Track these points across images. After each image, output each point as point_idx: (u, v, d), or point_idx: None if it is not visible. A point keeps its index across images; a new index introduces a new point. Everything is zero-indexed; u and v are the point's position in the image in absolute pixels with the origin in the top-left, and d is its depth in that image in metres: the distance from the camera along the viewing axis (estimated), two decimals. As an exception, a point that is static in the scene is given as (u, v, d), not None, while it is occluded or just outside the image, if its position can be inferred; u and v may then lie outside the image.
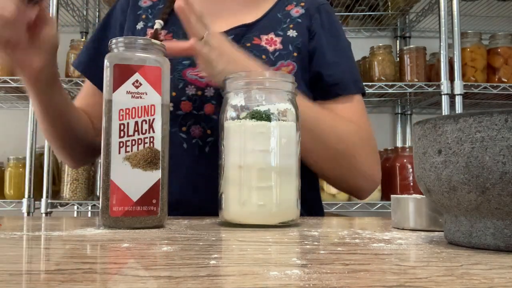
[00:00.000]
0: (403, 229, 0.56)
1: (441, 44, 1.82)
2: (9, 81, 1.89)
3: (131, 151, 0.54)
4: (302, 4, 0.92)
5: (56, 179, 1.94)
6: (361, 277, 0.29)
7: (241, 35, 0.87)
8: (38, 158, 1.88)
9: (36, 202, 1.80)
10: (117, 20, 0.94)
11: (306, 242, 0.45)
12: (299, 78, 0.84)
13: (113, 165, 0.54)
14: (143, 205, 0.54)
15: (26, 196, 1.79)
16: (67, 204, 1.86)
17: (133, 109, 0.55)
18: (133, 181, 0.54)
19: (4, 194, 1.93)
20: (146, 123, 0.55)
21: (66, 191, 1.89)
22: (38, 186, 1.81)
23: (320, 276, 0.29)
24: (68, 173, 1.89)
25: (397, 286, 0.27)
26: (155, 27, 0.85)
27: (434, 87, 1.83)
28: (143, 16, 0.92)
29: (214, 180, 0.72)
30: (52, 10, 1.84)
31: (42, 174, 1.81)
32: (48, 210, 1.80)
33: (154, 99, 0.56)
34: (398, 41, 2.31)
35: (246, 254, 0.38)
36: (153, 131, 0.55)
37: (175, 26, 0.88)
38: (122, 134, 0.54)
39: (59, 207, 1.86)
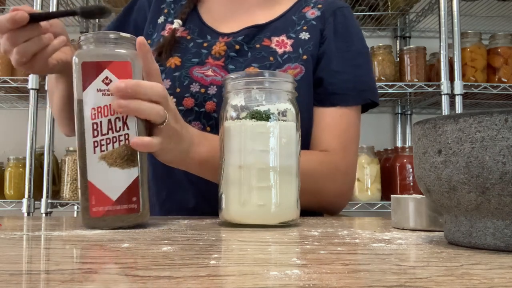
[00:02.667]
0: (403, 229, 0.56)
1: (441, 44, 1.81)
2: (9, 81, 1.89)
3: (107, 149, 0.53)
4: (319, 6, 0.91)
5: (56, 179, 1.94)
6: (361, 277, 0.29)
7: (251, 36, 0.87)
8: (38, 158, 1.88)
9: (36, 202, 1.80)
10: (142, 7, 0.95)
11: (306, 242, 0.45)
12: (307, 81, 0.84)
13: (89, 165, 0.53)
14: (123, 203, 0.53)
15: (26, 196, 1.79)
16: (67, 204, 1.86)
17: (105, 107, 0.53)
18: (111, 180, 0.53)
19: (4, 194, 1.93)
20: (119, 120, 0.54)
21: (66, 191, 1.89)
22: (38, 186, 1.81)
23: (320, 276, 0.29)
24: (68, 173, 1.89)
25: (397, 286, 0.27)
26: (173, 26, 0.88)
27: (434, 87, 1.83)
28: (165, 11, 0.94)
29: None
30: (52, 10, 1.84)
31: (42, 174, 1.81)
32: (48, 210, 1.80)
33: None
34: (398, 41, 2.31)
35: (246, 254, 0.38)
36: (128, 128, 0.54)
37: (192, 24, 0.90)
38: (95, 134, 0.53)
39: (59, 207, 1.86)
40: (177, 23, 0.88)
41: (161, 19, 0.93)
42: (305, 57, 0.85)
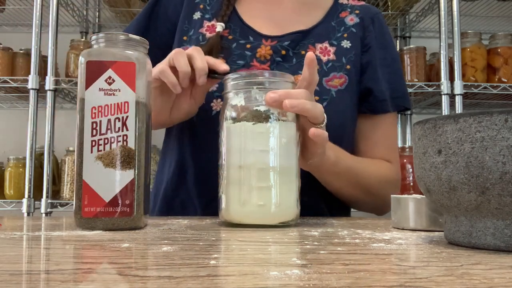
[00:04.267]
0: (403, 229, 0.56)
1: (441, 44, 1.81)
2: (9, 81, 1.89)
3: (104, 150, 0.53)
4: (357, 11, 0.92)
5: (56, 179, 1.94)
6: (361, 277, 0.29)
7: (297, 42, 0.87)
8: (38, 158, 1.88)
9: (36, 202, 1.80)
10: (172, 1, 0.92)
11: (306, 242, 0.45)
12: (350, 91, 0.86)
13: (85, 164, 0.52)
14: (115, 206, 0.52)
15: (26, 196, 1.79)
16: (67, 204, 1.86)
17: (106, 107, 0.53)
18: (106, 181, 0.52)
19: (4, 194, 1.93)
20: (119, 120, 0.53)
21: (66, 191, 1.89)
22: (38, 186, 1.81)
23: (320, 276, 0.29)
24: (68, 173, 1.89)
25: (397, 286, 0.27)
26: (217, 30, 0.86)
27: (434, 87, 1.83)
28: (201, 6, 0.91)
29: None
30: (52, 10, 1.84)
31: (42, 174, 1.81)
32: (48, 210, 1.80)
33: (127, 96, 0.54)
34: (398, 41, 2.31)
35: (246, 254, 0.38)
36: (127, 129, 0.53)
37: (232, 23, 0.89)
38: (94, 133, 0.53)
39: (59, 207, 1.86)
40: (220, 26, 0.86)
41: (197, 15, 0.90)
42: (348, 66, 0.86)
